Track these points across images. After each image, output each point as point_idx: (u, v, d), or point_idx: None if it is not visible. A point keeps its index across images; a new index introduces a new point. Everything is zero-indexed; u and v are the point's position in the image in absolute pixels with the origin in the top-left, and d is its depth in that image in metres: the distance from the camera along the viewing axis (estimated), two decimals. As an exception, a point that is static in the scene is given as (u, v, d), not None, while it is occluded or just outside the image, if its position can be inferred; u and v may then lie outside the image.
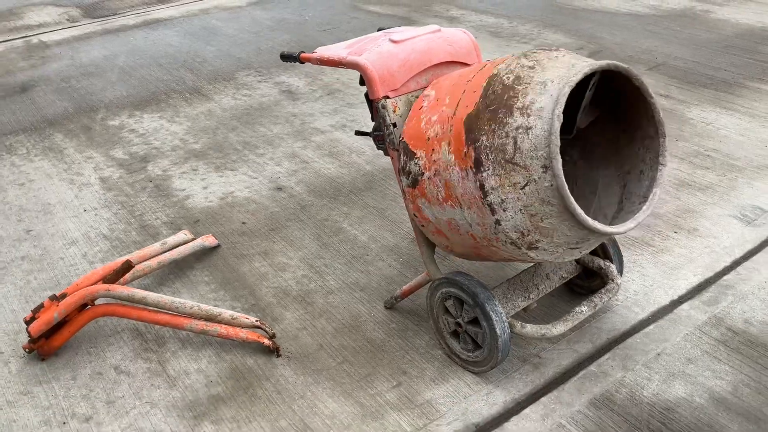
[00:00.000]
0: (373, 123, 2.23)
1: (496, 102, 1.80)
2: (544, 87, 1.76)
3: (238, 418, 2.10)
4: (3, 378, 2.31)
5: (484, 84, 1.86)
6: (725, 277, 2.56)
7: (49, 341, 2.35)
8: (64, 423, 2.13)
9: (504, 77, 1.83)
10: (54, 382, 2.28)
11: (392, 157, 2.20)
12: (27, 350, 2.34)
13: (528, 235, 1.82)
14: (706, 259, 2.66)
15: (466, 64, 2.27)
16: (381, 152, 3.58)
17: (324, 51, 2.31)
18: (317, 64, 2.30)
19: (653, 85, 4.19)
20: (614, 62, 1.81)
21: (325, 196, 3.25)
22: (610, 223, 2.01)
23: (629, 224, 1.86)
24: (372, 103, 2.18)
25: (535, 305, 2.26)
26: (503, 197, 1.78)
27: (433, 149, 1.96)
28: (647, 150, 1.98)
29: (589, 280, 2.42)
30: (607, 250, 2.33)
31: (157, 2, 6.78)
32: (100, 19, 6.34)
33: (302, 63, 2.38)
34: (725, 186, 3.12)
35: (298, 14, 6.08)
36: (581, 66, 1.78)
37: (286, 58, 2.44)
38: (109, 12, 6.56)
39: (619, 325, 2.36)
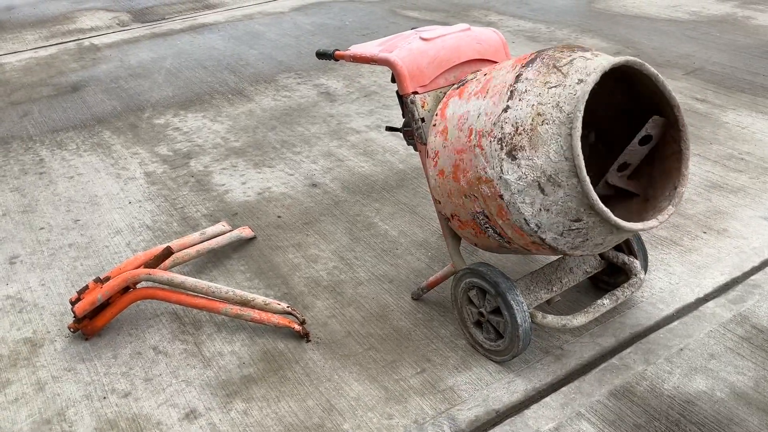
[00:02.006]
0: (404, 119, 2.32)
1: (564, 48, 1.99)
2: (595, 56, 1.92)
3: (268, 397, 2.20)
4: (49, 355, 2.45)
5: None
6: (753, 277, 2.56)
7: (93, 322, 2.48)
8: (105, 398, 2.25)
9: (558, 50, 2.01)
10: (96, 360, 2.41)
11: (420, 151, 2.28)
12: (72, 330, 2.47)
13: (519, 134, 1.87)
14: (734, 259, 2.66)
15: (495, 62, 2.33)
16: (414, 152, 3.67)
17: (357, 48, 2.40)
18: (350, 60, 2.39)
19: (690, 89, 4.18)
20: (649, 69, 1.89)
21: (358, 193, 3.34)
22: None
23: (653, 222, 1.91)
24: (402, 98, 2.26)
25: (558, 298, 2.30)
26: (528, 88, 1.89)
27: (500, 67, 2.11)
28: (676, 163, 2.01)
29: (614, 276, 2.45)
30: (631, 246, 2.36)
31: (204, 8, 6.99)
32: (148, 24, 6.57)
33: (336, 60, 2.47)
34: (757, 188, 3.11)
35: (339, 19, 6.21)
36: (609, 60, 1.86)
37: (321, 55, 2.54)
38: (158, 17, 6.79)
39: (642, 321, 2.39)
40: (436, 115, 2.20)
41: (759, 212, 2.94)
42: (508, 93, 1.92)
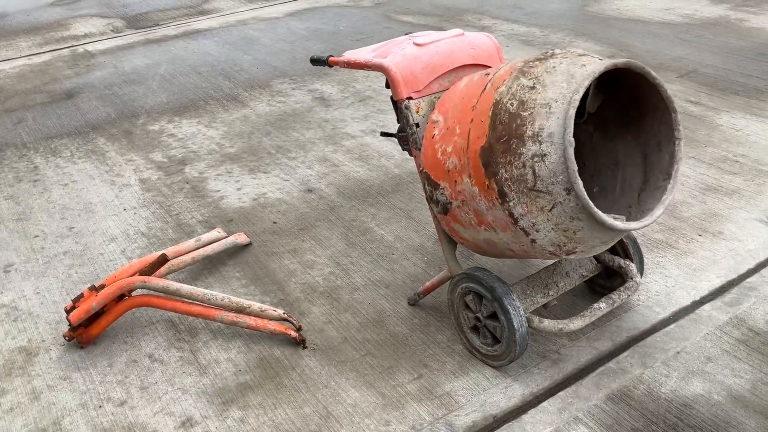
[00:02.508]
0: (399, 124, 2.32)
1: (506, 132, 1.84)
2: (549, 110, 1.79)
3: (264, 405, 2.19)
4: (44, 364, 2.44)
5: (490, 113, 1.90)
6: (748, 279, 2.56)
7: (88, 330, 2.47)
8: (100, 406, 2.24)
9: (508, 104, 1.87)
10: (91, 368, 2.40)
11: (415, 157, 2.27)
12: (67, 338, 2.46)
13: (565, 246, 1.89)
14: (729, 262, 2.67)
15: (489, 67, 2.33)
16: (409, 157, 3.66)
17: (351, 54, 2.40)
18: (344, 66, 2.39)
19: (683, 92, 4.19)
20: (611, 62, 1.83)
21: (353, 198, 3.34)
22: (639, 200, 2.05)
23: (657, 211, 1.91)
24: (396, 104, 2.26)
25: (555, 302, 2.30)
26: (534, 221, 1.86)
27: (455, 181, 2.03)
28: (660, 123, 1.99)
29: (610, 279, 2.45)
30: (627, 248, 2.37)
31: (198, 14, 6.99)
32: (142, 30, 6.57)
33: (331, 66, 2.47)
34: (752, 191, 3.12)
35: (333, 25, 6.21)
36: (580, 78, 1.81)
37: (315, 61, 2.54)
38: (152, 23, 6.79)
39: (639, 324, 2.39)
40: (452, 235, 2.23)
41: (754, 214, 2.95)
42: (521, 231, 1.90)
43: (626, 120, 2.11)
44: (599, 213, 1.77)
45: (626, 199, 2.11)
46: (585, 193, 1.75)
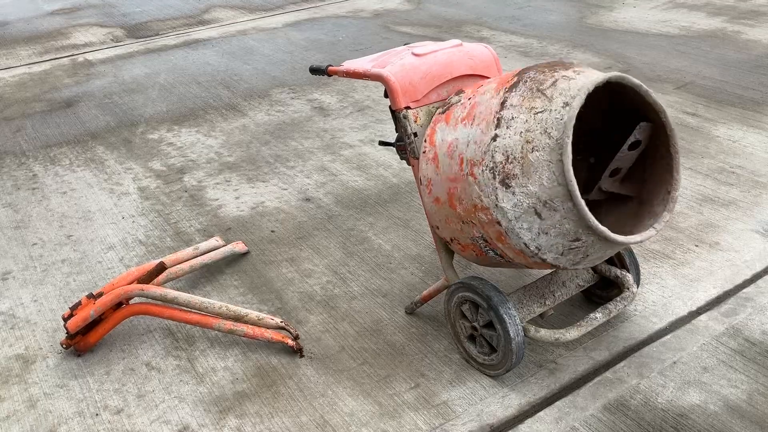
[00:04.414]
0: (397, 134, 2.33)
1: (545, 68, 1.99)
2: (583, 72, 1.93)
3: (261, 413, 2.19)
4: (41, 372, 2.44)
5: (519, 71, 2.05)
6: (745, 290, 2.57)
7: (86, 338, 2.47)
8: (97, 414, 2.24)
9: (540, 68, 2.01)
10: (88, 376, 2.40)
11: (413, 166, 2.29)
12: (64, 346, 2.46)
13: (510, 163, 1.87)
14: (726, 272, 2.68)
15: (487, 77, 2.35)
16: (407, 166, 3.68)
17: (350, 64, 2.42)
18: (343, 76, 2.40)
19: (681, 103, 4.22)
20: (638, 82, 1.90)
21: (351, 207, 3.35)
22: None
23: (638, 237, 1.91)
24: (394, 113, 2.27)
25: (551, 312, 2.31)
26: (515, 115, 1.89)
27: (482, 92, 2.10)
28: (666, 173, 2.02)
29: (607, 290, 2.46)
30: (623, 259, 2.37)
31: (198, 23, 7.02)
32: (142, 39, 6.59)
33: (329, 76, 2.49)
34: (749, 202, 3.13)
35: (332, 35, 6.24)
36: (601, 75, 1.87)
37: (315, 71, 2.56)
38: (152, 32, 6.81)
39: (636, 334, 2.40)
40: (425, 141, 2.20)
41: (750, 225, 2.96)
42: (495, 121, 1.92)
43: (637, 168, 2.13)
44: (570, 133, 1.80)
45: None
46: (576, 111, 1.80)
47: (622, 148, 1.96)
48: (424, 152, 2.20)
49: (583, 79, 1.87)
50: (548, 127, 1.82)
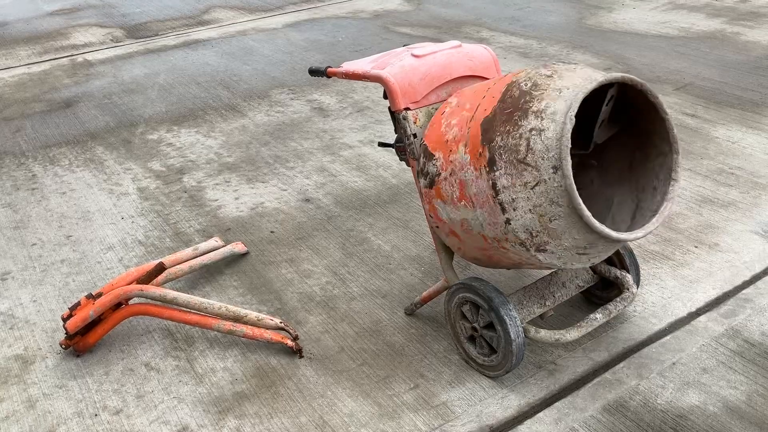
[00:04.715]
0: (396, 135, 2.33)
1: (512, 105, 1.88)
2: (560, 93, 1.83)
3: (260, 414, 2.19)
4: (41, 372, 2.44)
5: (503, 89, 1.95)
6: (744, 291, 2.57)
7: (85, 338, 2.47)
8: (96, 415, 2.24)
9: (522, 83, 1.92)
10: (88, 376, 2.40)
11: (412, 167, 2.29)
12: (63, 346, 2.46)
13: (537, 236, 1.88)
14: (725, 273, 2.68)
15: (486, 79, 2.35)
16: (406, 167, 3.68)
17: (349, 65, 2.42)
18: (343, 77, 2.40)
19: (680, 104, 4.22)
20: (629, 75, 1.88)
21: (351, 208, 3.35)
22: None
23: (638, 233, 1.91)
24: (394, 114, 2.27)
25: (551, 313, 2.31)
26: (514, 196, 1.85)
27: (450, 150, 2.04)
28: (661, 166, 2.03)
29: (606, 290, 2.46)
30: (623, 260, 2.37)
31: (197, 24, 7.02)
32: (142, 40, 6.59)
33: (329, 77, 2.49)
34: (748, 203, 3.13)
35: (332, 36, 6.24)
36: (597, 76, 1.85)
37: (314, 72, 2.56)
38: (151, 33, 6.81)
39: (635, 335, 2.40)
40: (431, 216, 2.21)
41: (750, 226, 2.96)
42: (499, 206, 1.91)
43: (628, 166, 2.13)
44: (578, 198, 1.78)
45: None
46: (570, 173, 1.77)
47: (602, 109, 1.98)
48: (436, 227, 2.24)
49: (554, 129, 1.81)
50: (553, 198, 1.82)
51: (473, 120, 1.98)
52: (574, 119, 1.77)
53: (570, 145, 1.76)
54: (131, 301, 2.60)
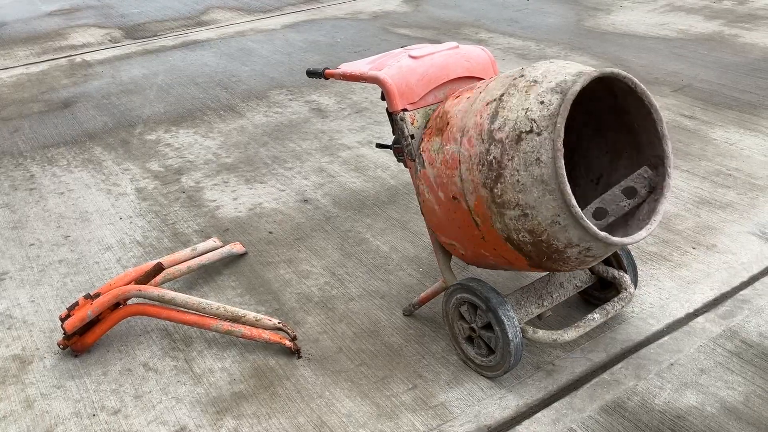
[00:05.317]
0: (394, 136, 2.33)
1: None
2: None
3: (258, 414, 2.19)
4: (38, 372, 2.43)
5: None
6: (742, 292, 2.58)
7: (83, 338, 2.47)
8: (94, 415, 2.24)
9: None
10: (86, 377, 2.40)
11: (410, 168, 2.29)
12: (61, 346, 2.46)
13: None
14: (723, 275, 2.68)
15: (483, 79, 2.35)
16: (405, 169, 3.68)
17: (347, 67, 2.42)
18: (340, 79, 2.41)
19: (678, 106, 4.22)
20: (612, 69, 1.91)
21: (349, 209, 3.35)
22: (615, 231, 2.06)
23: (634, 237, 1.92)
24: (391, 115, 2.28)
25: (549, 313, 2.31)
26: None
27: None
28: (656, 161, 2.04)
29: (604, 291, 2.46)
30: (621, 260, 2.38)
31: (196, 24, 7.02)
32: (140, 40, 6.59)
33: (326, 78, 2.49)
34: (746, 204, 3.14)
35: (330, 37, 6.24)
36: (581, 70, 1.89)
37: (311, 74, 2.56)
38: (150, 33, 6.81)
39: (633, 336, 2.40)
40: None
41: (747, 227, 2.97)
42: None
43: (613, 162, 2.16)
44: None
45: None
46: (561, 142, 1.79)
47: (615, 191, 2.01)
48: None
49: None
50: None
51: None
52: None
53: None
54: (129, 302, 2.60)
